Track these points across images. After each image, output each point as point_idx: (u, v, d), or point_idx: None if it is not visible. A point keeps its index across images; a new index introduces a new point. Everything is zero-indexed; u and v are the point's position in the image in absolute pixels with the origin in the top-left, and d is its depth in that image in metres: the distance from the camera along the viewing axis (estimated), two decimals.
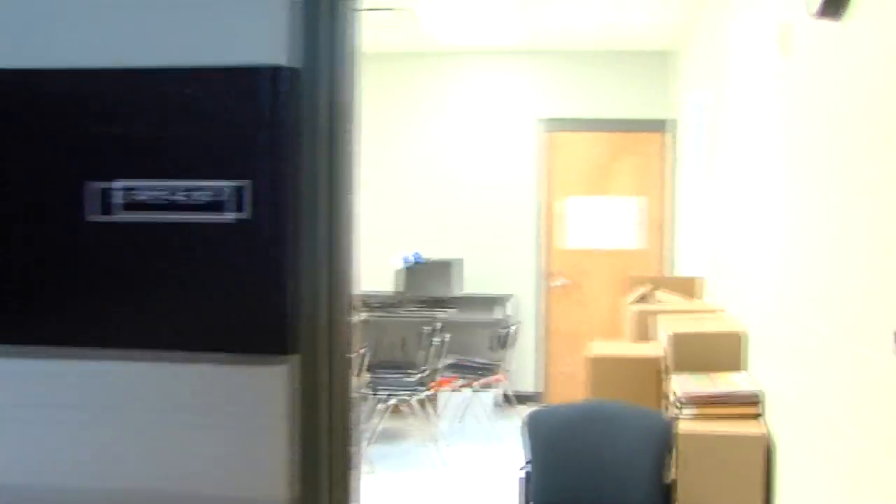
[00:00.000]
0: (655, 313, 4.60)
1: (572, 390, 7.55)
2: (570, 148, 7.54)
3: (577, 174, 7.53)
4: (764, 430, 3.22)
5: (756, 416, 3.39)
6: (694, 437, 3.23)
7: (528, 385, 7.61)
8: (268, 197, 1.46)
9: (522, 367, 7.58)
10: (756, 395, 3.40)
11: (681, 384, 3.53)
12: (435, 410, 6.95)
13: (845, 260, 2.38)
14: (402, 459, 5.87)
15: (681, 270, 6.56)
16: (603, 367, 4.01)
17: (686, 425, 3.31)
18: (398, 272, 7.46)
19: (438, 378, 6.26)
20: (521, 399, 7.51)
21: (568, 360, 7.56)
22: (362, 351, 5.39)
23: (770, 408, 3.32)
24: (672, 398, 3.62)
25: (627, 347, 4.22)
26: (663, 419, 3.39)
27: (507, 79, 7.60)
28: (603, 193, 7.50)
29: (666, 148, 7.39)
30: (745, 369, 3.76)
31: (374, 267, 7.69)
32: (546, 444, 3.40)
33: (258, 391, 1.44)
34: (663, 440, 3.32)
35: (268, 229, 1.45)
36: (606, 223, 7.49)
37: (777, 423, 3.20)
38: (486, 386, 6.92)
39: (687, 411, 3.42)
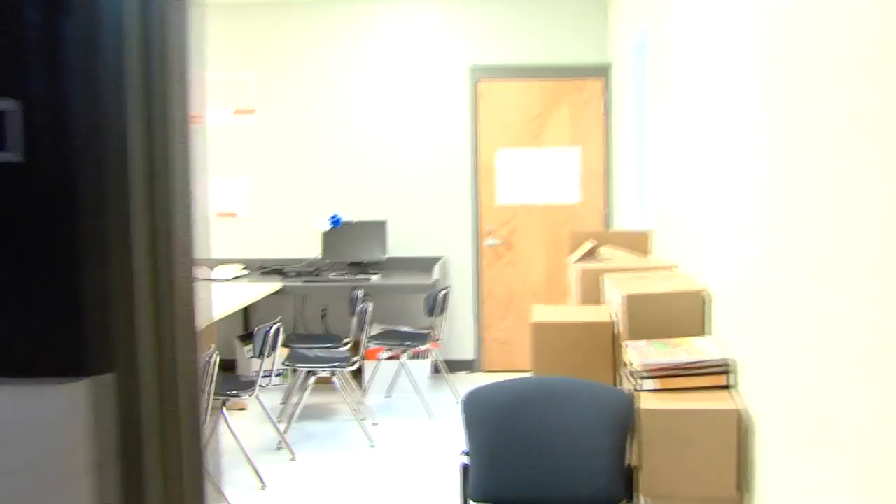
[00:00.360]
0: (603, 272, 4.16)
1: (508, 357, 7.15)
2: (502, 97, 7.03)
3: (510, 125, 7.03)
4: (737, 404, 2.79)
5: (726, 388, 2.97)
6: (657, 415, 2.79)
7: (466, 353, 7.16)
8: (48, 126, 0.92)
9: (458, 333, 7.13)
10: (725, 364, 2.97)
11: (637, 353, 3.09)
12: (360, 385, 6.46)
13: (846, 201, 1.93)
14: (325, 440, 5.36)
15: (624, 224, 6.14)
16: (548, 335, 3.55)
17: (647, 401, 2.87)
18: (321, 236, 6.91)
19: (364, 350, 5.75)
20: (456, 368, 7.08)
21: (502, 326, 7.14)
22: (278, 324, 4.84)
23: (742, 378, 2.90)
24: (628, 369, 3.18)
25: (575, 312, 3.76)
26: (621, 395, 2.94)
27: (434, 24, 7.03)
28: (538, 145, 7.03)
29: (606, 94, 6.94)
30: (709, 333, 3.34)
31: (297, 232, 7.12)
32: (486, 429, 2.93)
33: (43, 431, 0.91)
34: (622, 419, 2.88)
35: (48, 178, 0.91)
36: (542, 176, 7.02)
37: (752, 395, 2.78)
38: (417, 356, 6.45)
39: (647, 385, 2.98)
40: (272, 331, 4.72)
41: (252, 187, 7.15)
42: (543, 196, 7.02)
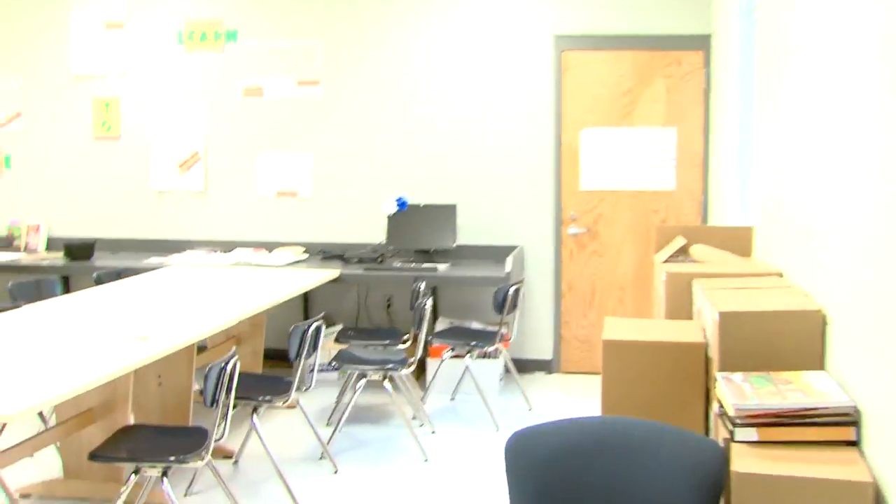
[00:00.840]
0: (694, 277, 3.47)
1: (590, 357, 6.45)
2: (589, 69, 6.31)
3: (598, 101, 6.31)
4: (868, 471, 2.10)
5: (852, 445, 2.27)
6: (755, 481, 2.12)
7: (542, 352, 6.50)
8: None
9: (534, 330, 6.47)
10: (850, 412, 2.27)
11: (732, 391, 2.41)
12: (423, 384, 5.89)
13: None
14: (374, 450, 4.80)
15: (724, 218, 5.38)
16: (623, 357, 2.89)
17: (742, 460, 2.20)
18: (389, 220, 6.35)
19: (424, 348, 5.16)
20: (531, 368, 6.43)
21: (583, 322, 6.46)
22: (318, 321, 4.30)
23: (870, 432, 2.20)
24: (719, 411, 2.50)
25: (658, 328, 3.09)
26: (711, 447, 2.28)
27: None
28: (629, 123, 6.29)
29: (705, 68, 6.15)
30: (824, 368, 2.64)
31: (360, 214, 6.59)
32: (533, 485, 2.31)
33: None
34: (713, 480, 2.21)
35: None
36: (632, 159, 6.29)
37: (884, 456, 2.08)
38: (486, 355, 5.84)
39: (742, 435, 2.31)
40: (311, 329, 4.18)
41: (314, 165, 6.64)
42: (634, 181, 6.30)
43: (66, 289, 6.23)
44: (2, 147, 7.04)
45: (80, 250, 6.34)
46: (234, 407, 3.80)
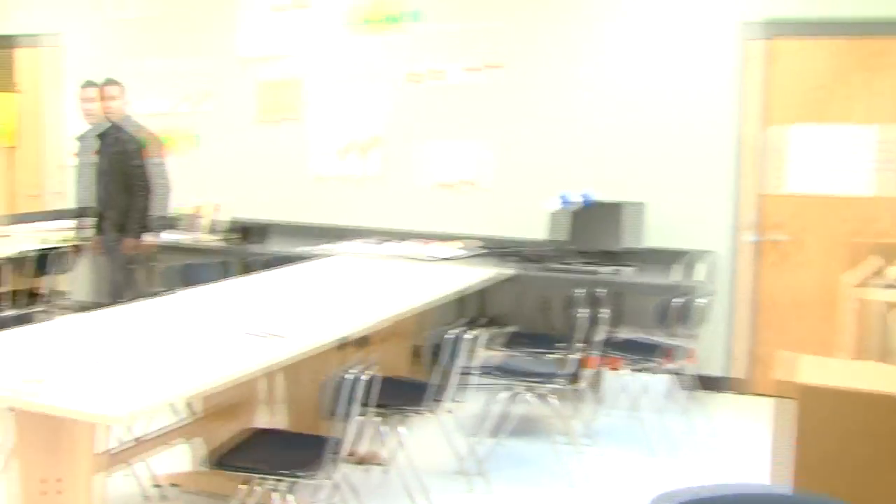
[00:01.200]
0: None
1: (765, 377, 5.82)
2: (781, 60, 5.68)
3: (788, 95, 5.67)
4: None
5: None
6: None
7: (712, 368, 5.92)
8: None
9: (706, 343, 5.91)
10: None
11: None
12: (584, 398, 5.46)
13: None
14: (518, 467, 4.43)
15: None
16: (799, 405, 2.42)
17: None
18: (554, 216, 5.99)
19: (587, 360, 4.74)
20: (700, 386, 5.84)
21: (758, 339, 5.87)
22: (462, 329, 4.01)
23: None
24: None
25: (846, 370, 2.60)
26: None
27: None
28: (824, 120, 5.59)
29: None
30: None
31: (523, 209, 6.27)
32: None
33: None
34: None
35: None
36: (826, 161, 5.61)
37: None
38: (653, 370, 5.31)
39: None
40: (466, 335, 3.90)
41: (480, 154, 6.37)
42: (828, 185, 5.63)
43: (239, 271, 6.23)
44: (191, 127, 7.17)
45: (253, 233, 6.40)
46: (374, 416, 3.61)
